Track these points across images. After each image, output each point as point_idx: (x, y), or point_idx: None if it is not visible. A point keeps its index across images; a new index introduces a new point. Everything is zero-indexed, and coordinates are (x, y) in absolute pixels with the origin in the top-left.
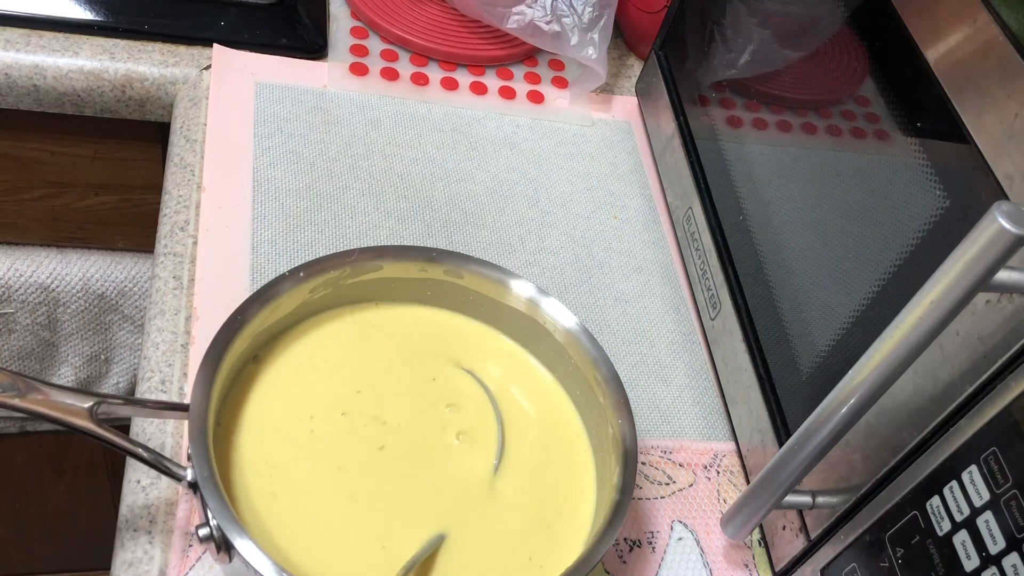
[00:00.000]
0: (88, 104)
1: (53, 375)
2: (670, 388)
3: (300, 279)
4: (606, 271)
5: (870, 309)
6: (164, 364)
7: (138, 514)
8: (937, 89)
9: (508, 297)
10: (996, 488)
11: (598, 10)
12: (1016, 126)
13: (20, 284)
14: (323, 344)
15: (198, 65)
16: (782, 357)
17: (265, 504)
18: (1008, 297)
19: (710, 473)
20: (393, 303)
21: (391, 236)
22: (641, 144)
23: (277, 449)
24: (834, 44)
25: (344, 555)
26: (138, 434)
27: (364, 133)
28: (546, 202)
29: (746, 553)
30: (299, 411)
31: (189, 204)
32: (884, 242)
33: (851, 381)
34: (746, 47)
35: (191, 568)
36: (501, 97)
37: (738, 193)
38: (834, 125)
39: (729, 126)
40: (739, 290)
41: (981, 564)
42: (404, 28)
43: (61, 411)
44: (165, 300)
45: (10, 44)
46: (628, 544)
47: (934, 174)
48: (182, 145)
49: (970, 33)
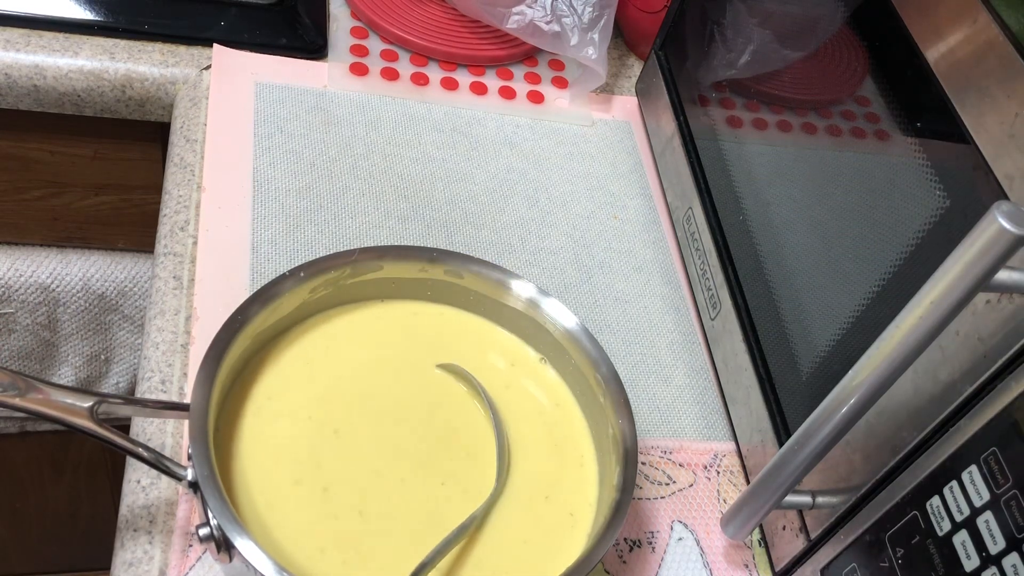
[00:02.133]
0: (88, 104)
1: (53, 375)
2: (670, 388)
3: (300, 279)
4: (606, 271)
5: (870, 309)
6: (164, 364)
7: (138, 514)
8: (937, 89)
9: (508, 297)
10: (996, 488)
11: (598, 10)
12: (1016, 126)
13: (20, 284)
14: (323, 344)
15: (198, 65)
16: (782, 357)
17: (266, 504)
18: (1008, 297)
19: (710, 473)
20: (393, 303)
21: (391, 236)
22: (641, 144)
23: (278, 449)
24: (834, 44)
25: (345, 554)
26: (138, 434)
27: (364, 133)
28: (546, 202)
29: (746, 553)
30: (300, 411)
31: (189, 204)
32: (884, 242)
33: (851, 381)
34: (746, 47)
35: (191, 568)
36: (501, 97)
37: (738, 193)
38: (834, 125)
39: (729, 126)
40: (739, 290)
41: (981, 564)
42: (404, 28)
43: (61, 410)
44: (165, 300)
45: (10, 44)
46: (628, 544)
47: (934, 174)
48: (182, 145)
49: (970, 33)
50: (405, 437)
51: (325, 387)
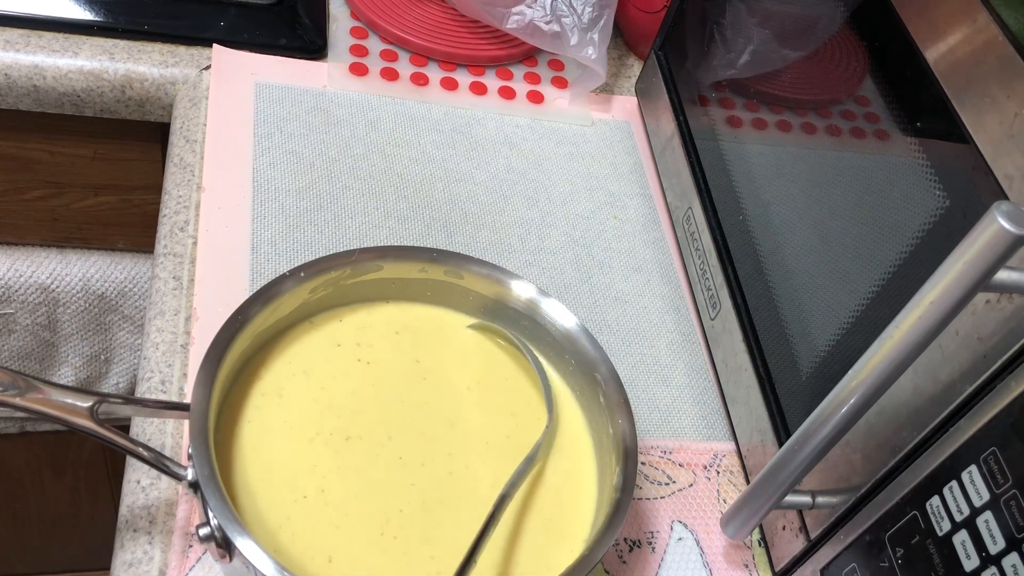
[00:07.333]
0: (88, 104)
1: (53, 375)
2: (670, 388)
3: (300, 279)
4: (606, 271)
5: (870, 309)
6: (164, 364)
7: (138, 514)
8: (937, 89)
9: (508, 297)
10: (996, 488)
11: (598, 10)
12: (1016, 126)
13: (20, 284)
14: (323, 345)
15: (198, 65)
16: (782, 357)
17: (266, 503)
18: (1008, 297)
19: (710, 473)
20: (393, 303)
21: (391, 236)
22: (641, 144)
23: (278, 449)
24: (834, 44)
25: (345, 554)
26: (138, 434)
27: (364, 133)
28: (546, 202)
29: (746, 553)
30: (300, 411)
31: (189, 204)
32: (884, 242)
33: (851, 381)
34: (746, 47)
35: (191, 568)
36: (501, 97)
37: (738, 193)
38: (834, 125)
39: (729, 126)
40: (739, 290)
41: (981, 564)
42: (404, 28)
43: (62, 410)
44: (165, 300)
45: (10, 44)
46: (628, 544)
47: (934, 174)
48: (182, 145)
49: (970, 33)
50: (407, 437)
51: (325, 387)
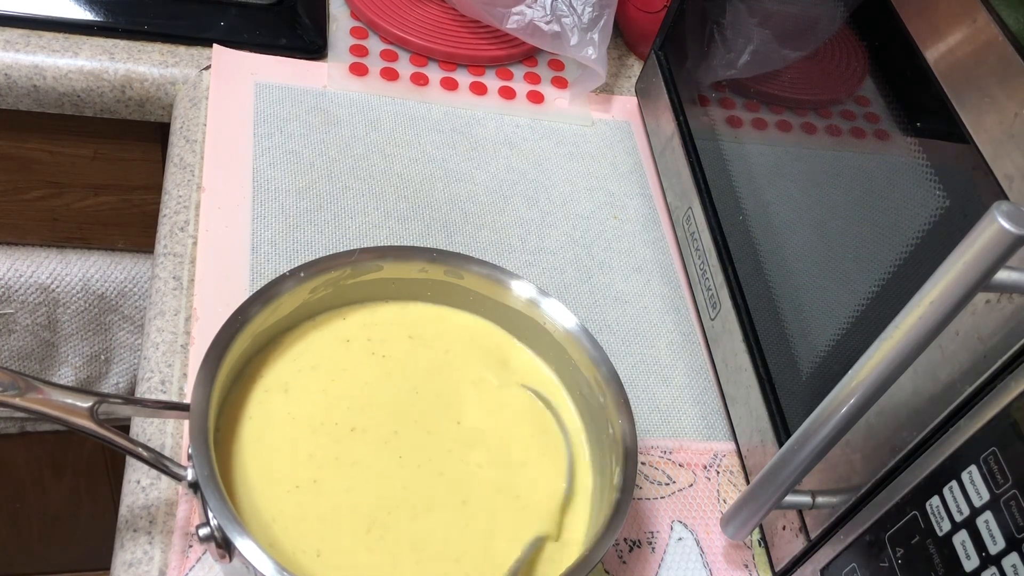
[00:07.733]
0: (88, 104)
1: (53, 375)
2: (670, 388)
3: (300, 279)
4: (606, 271)
5: (870, 309)
6: (164, 364)
7: (138, 514)
8: (937, 89)
9: (508, 297)
10: (996, 488)
11: (598, 10)
12: (1016, 126)
13: (20, 284)
14: (324, 345)
15: (198, 65)
16: (782, 357)
17: (263, 497)
18: (1008, 297)
19: (710, 473)
20: (393, 303)
21: (391, 236)
22: (641, 144)
23: (278, 449)
24: (834, 44)
25: (344, 555)
26: (138, 434)
27: (364, 133)
28: (546, 202)
29: (746, 553)
30: (300, 410)
31: (189, 204)
32: (884, 242)
33: (851, 381)
34: (746, 47)
35: (191, 568)
36: (501, 97)
37: (738, 193)
38: (834, 125)
39: (729, 126)
40: (739, 290)
41: (981, 564)
42: (404, 28)
43: (62, 410)
44: (165, 300)
45: (10, 44)
46: (628, 544)
47: (934, 174)
48: (182, 145)
49: (970, 33)
50: (413, 433)
51: (325, 388)
